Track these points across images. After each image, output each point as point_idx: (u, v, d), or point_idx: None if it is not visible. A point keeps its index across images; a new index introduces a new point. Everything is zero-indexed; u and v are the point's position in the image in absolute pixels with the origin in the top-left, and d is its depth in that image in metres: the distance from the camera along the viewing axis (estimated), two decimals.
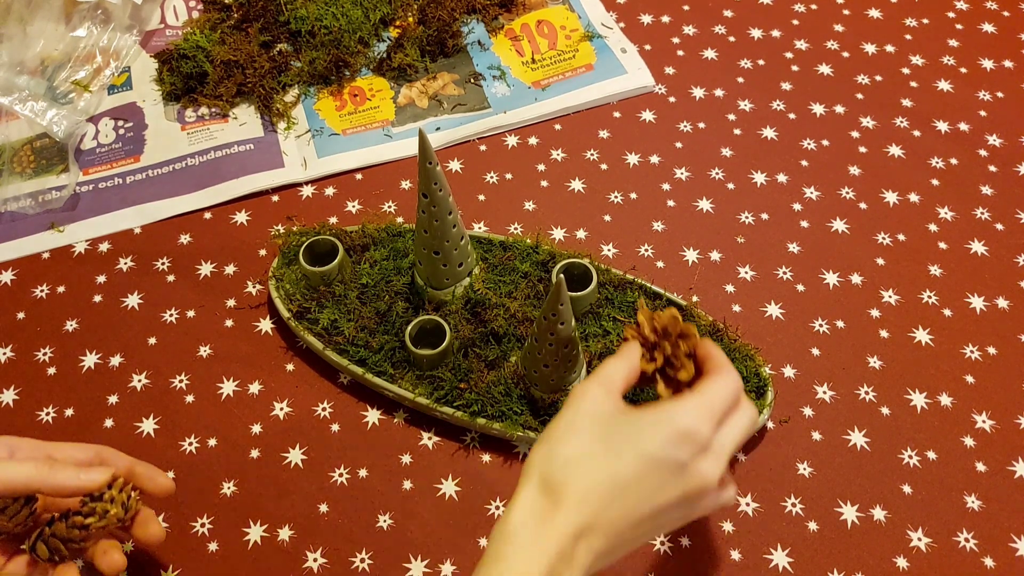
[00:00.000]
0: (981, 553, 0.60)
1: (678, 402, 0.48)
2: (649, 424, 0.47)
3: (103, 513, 0.52)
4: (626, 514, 0.46)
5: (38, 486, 0.50)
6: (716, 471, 0.48)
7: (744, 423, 0.50)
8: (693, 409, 0.48)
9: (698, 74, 0.87)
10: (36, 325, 0.71)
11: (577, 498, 0.45)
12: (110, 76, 0.85)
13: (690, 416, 0.47)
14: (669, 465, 0.46)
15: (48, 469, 0.51)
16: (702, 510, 0.49)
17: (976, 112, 0.84)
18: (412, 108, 0.83)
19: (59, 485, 0.51)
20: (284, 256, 0.70)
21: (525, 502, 0.45)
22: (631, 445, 0.47)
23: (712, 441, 0.48)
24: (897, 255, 0.74)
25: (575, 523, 0.45)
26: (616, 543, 0.46)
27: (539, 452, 0.48)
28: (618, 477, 0.46)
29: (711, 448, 0.48)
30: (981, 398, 0.67)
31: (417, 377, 0.65)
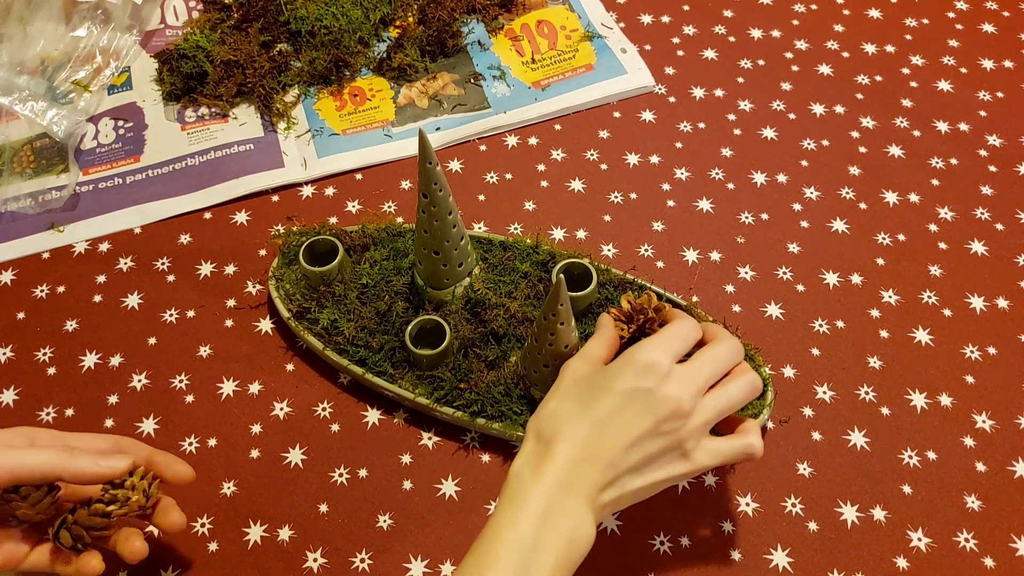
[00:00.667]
0: (981, 553, 0.60)
1: (638, 344, 0.54)
2: (615, 369, 0.53)
3: (124, 500, 0.52)
4: (612, 444, 0.51)
5: (59, 473, 0.51)
6: (683, 390, 0.52)
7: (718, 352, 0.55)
8: (649, 345, 0.54)
9: (698, 74, 0.87)
10: (36, 325, 0.71)
11: (566, 439, 0.51)
12: (110, 76, 0.85)
13: (647, 351, 0.53)
14: (638, 394, 0.52)
15: (68, 456, 0.51)
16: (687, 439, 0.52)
17: (976, 112, 0.84)
18: (412, 108, 0.83)
19: (79, 472, 0.51)
20: (284, 256, 0.70)
21: (523, 453, 0.52)
22: (604, 387, 0.53)
23: (673, 368, 0.53)
24: (897, 255, 0.74)
25: (568, 458, 0.51)
26: (612, 474, 0.51)
27: (532, 418, 0.54)
28: (597, 416, 0.52)
29: (673, 373, 0.53)
30: (981, 398, 0.67)
31: (417, 377, 0.65)
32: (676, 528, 0.61)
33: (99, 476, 0.52)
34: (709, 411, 0.53)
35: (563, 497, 0.50)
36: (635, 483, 0.52)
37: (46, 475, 0.51)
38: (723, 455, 0.54)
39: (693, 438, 0.53)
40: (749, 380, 0.55)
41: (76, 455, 0.51)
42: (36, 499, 0.51)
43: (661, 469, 0.52)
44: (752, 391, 0.55)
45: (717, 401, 0.54)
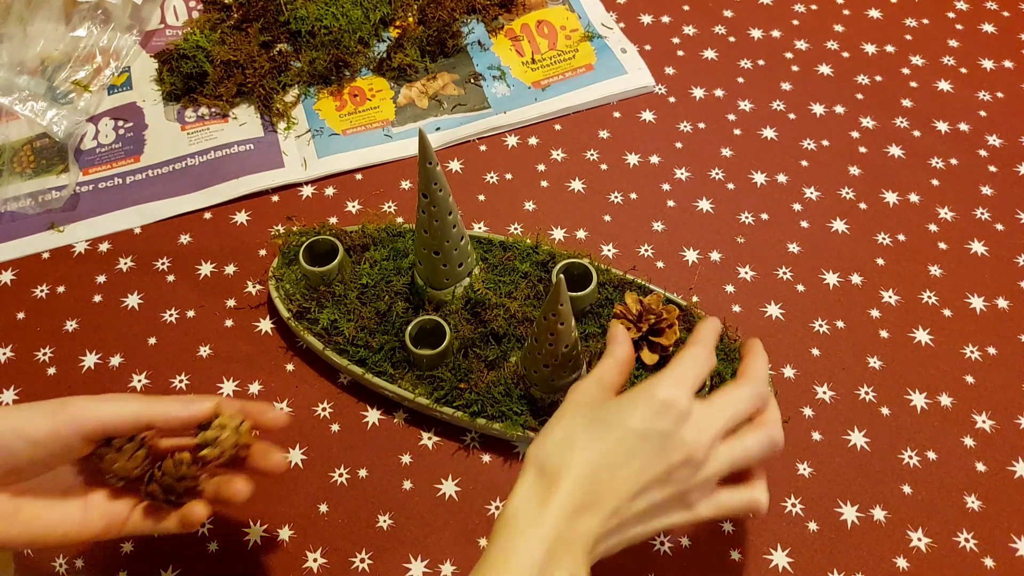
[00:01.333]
0: (981, 553, 0.60)
1: (655, 377, 0.51)
2: (630, 402, 0.49)
3: (216, 441, 0.50)
4: (619, 489, 0.47)
5: (148, 417, 0.50)
6: (699, 437, 0.49)
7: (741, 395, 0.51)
8: (668, 379, 0.50)
9: (698, 74, 0.87)
10: (36, 325, 0.71)
11: (572, 477, 0.47)
12: (110, 76, 0.85)
13: (665, 386, 0.49)
14: (652, 436, 0.48)
15: (155, 400, 0.50)
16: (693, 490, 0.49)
17: (976, 112, 0.84)
18: (412, 108, 0.83)
19: (168, 414, 0.50)
20: (284, 256, 0.70)
21: (522, 488, 0.48)
22: (617, 423, 0.49)
23: (692, 408, 0.49)
24: (897, 255, 0.74)
25: (571, 503, 0.46)
26: (614, 523, 0.47)
27: (534, 444, 0.50)
28: (608, 453, 0.48)
29: (691, 416, 0.49)
30: (981, 398, 0.67)
31: (417, 377, 0.65)
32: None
33: (189, 416, 0.51)
34: (723, 463, 0.50)
35: (561, 553, 0.45)
36: (636, 531, 0.48)
37: (136, 420, 0.49)
38: (726, 509, 0.51)
39: (700, 489, 0.49)
40: (770, 435, 0.51)
41: (163, 399, 0.51)
42: (129, 451, 0.50)
43: (663, 518, 0.49)
44: (772, 449, 0.51)
45: (733, 453, 0.50)
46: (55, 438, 0.48)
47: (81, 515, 0.50)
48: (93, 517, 0.50)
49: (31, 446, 0.47)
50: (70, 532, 0.49)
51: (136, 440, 0.51)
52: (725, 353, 0.65)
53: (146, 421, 0.50)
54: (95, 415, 0.48)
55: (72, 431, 0.48)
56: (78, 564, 0.59)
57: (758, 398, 0.52)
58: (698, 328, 0.55)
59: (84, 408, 0.49)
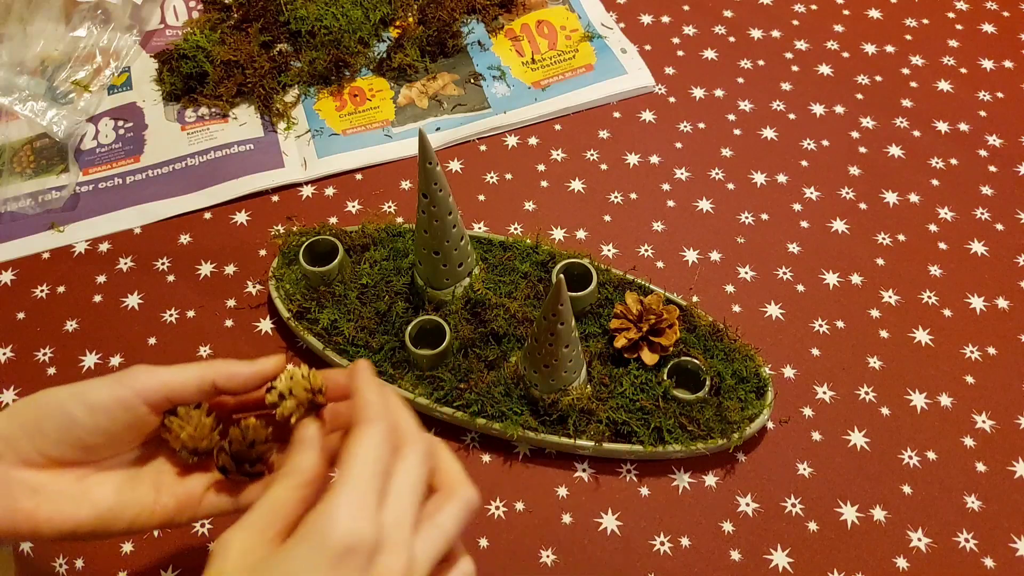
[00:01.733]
0: (981, 553, 0.60)
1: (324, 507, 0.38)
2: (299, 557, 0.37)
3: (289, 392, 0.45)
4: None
5: (211, 377, 0.47)
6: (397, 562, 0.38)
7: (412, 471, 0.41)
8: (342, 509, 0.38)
9: (698, 74, 0.87)
10: (36, 325, 0.71)
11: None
12: (110, 76, 0.85)
13: (340, 522, 0.37)
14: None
15: (218, 362, 0.47)
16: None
17: (976, 112, 0.84)
18: (412, 108, 0.83)
19: (233, 373, 0.47)
20: (284, 256, 0.70)
21: None
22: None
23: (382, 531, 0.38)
24: (897, 255, 0.74)
25: None
26: None
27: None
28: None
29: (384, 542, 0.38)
30: (981, 398, 0.67)
31: (417, 377, 0.65)
32: (676, 528, 0.61)
33: (253, 373, 0.47)
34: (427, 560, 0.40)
35: None
36: None
37: (200, 382, 0.47)
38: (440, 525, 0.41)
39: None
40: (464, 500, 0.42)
41: (226, 360, 0.48)
42: (196, 419, 0.47)
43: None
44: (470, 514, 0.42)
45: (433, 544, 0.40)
46: (117, 403, 0.45)
47: (152, 497, 0.47)
48: (164, 498, 0.47)
49: (93, 412, 0.45)
50: (141, 514, 0.46)
51: (203, 407, 0.48)
52: (725, 353, 0.65)
53: (210, 381, 0.47)
54: (157, 378, 0.46)
55: (134, 395, 0.46)
56: (78, 564, 0.59)
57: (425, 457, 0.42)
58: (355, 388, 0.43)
59: (145, 371, 0.47)
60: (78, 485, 0.46)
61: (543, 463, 0.64)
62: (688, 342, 0.65)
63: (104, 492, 0.46)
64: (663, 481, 0.63)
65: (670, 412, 0.62)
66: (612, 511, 0.62)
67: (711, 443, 0.62)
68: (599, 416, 0.62)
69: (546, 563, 0.60)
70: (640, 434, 0.61)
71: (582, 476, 0.63)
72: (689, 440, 0.62)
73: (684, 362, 0.64)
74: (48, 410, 0.45)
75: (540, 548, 0.60)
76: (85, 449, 0.46)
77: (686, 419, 0.62)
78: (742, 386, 0.63)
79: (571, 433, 0.62)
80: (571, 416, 0.62)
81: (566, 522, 0.61)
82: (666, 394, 0.62)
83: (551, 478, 0.63)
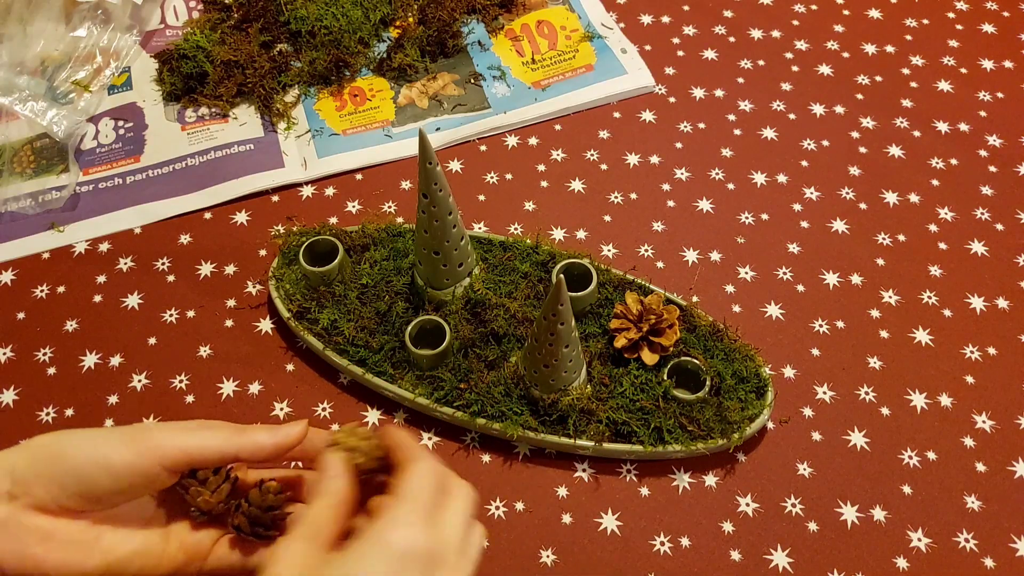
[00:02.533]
0: (981, 553, 0.60)
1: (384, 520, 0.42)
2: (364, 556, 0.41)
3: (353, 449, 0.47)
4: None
5: (235, 449, 0.47)
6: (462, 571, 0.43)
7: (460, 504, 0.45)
8: (403, 521, 0.42)
9: (698, 74, 0.87)
10: (36, 325, 0.70)
11: None
12: (110, 76, 0.85)
13: (402, 532, 0.41)
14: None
15: (241, 430, 0.48)
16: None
17: (976, 112, 0.84)
18: (412, 108, 0.83)
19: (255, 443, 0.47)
20: (284, 256, 0.70)
21: None
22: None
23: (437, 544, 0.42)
24: (897, 255, 0.74)
25: None
26: None
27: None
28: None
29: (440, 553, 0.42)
30: (981, 398, 0.67)
31: (417, 377, 0.65)
32: (676, 528, 0.61)
33: (277, 445, 0.48)
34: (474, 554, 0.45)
35: None
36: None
37: (221, 452, 0.47)
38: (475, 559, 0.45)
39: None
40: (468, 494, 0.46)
41: (248, 428, 0.48)
42: (215, 484, 0.48)
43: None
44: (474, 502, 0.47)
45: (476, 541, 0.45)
46: (137, 470, 0.45)
47: (162, 547, 0.48)
48: (173, 549, 0.48)
49: (112, 477, 0.45)
50: (148, 563, 0.47)
51: (221, 473, 0.49)
52: (725, 353, 0.65)
53: (233, 453, 0.47)
54: (179, 446, 0.46)
55: (155, 462, 0.46)
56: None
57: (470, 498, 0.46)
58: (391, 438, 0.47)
59: (168, 438, 0.46)
60: (89, 533, 0.46)
61: (543, 463, 0.64)
62: (688, 342, 0.65)
63: (114, 541, 0.47)
64: (663, 481, 0.63)
65: (670, 412, 0.62)
66: (612, 511, 0.62)
67: (711, 443, 0.62)
68: (599, 416, 0.62)
69: (546, 563, 0.60)
70: (640, 434, 0.61)
71: (582, 476, 0.63)
72: (689, 440, 0.62)
73: (684, 362, 0.64)
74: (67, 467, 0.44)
75: (540, 548, 0.60)
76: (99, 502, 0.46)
77: (686, 419, 0.62)
78: (742, 386, 0.63)
79: (571, 433, 0.62)
80: (571, 416, 0.62)
81: (566, 522, 0.61)
82: (666, 394, 0.62)
83: (551, 478, 0.63)
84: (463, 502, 0.46)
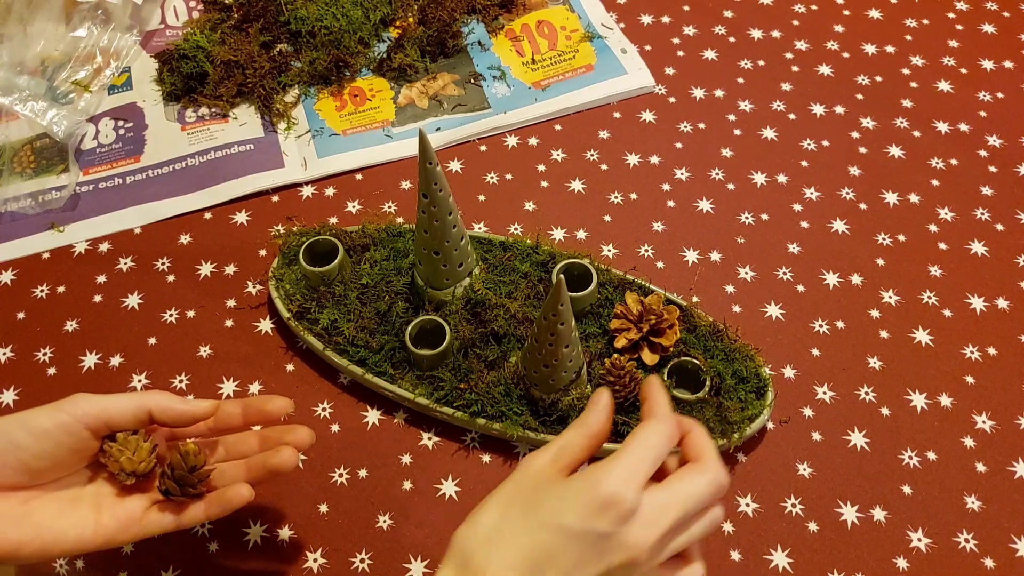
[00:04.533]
0: (981, 554, 0.60)
1: (604, 464, 0.45)
2: (572, 493, 0.44)
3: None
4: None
5: (148, 405, 0.52)
6: (645, 538, 0.43)
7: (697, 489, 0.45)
8: (616, 471, 0.44)
9: (698, 74, 0.87)
10: (36, 325, 0.70)
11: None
12: (110, 76, 0.85)
13: (611, 481, 0.43)
14: (589, 538, 0.43)
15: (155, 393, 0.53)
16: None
17: (976, 113, 0.84)
18: (412, 108, 0.83)
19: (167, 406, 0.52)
20: (284, 256, 0.70)
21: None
22: (552, 516, 0.44)
23: (640, 505, 0.43)
24: (897, 255, 0.74)
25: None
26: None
27: (464, 527, 0.45)
28: (535, 552, 0.43)
29: (639, 513, 0.43)
30: (981, 398, 0.67)
31: (417, 377, 0.65)
32: None
33: (186, 412, 0.53)
34: (666, 554, 0.45)
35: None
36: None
37: (137, 409, 0.51)
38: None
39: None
40: (716, 517, 0.47)
41: (164, 393, 0.53)
42: (134, 444, 0.51)
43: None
44: (715, 527, 0.47)
45: (677, 544, 0.46)
46: (59, 428, 0.49)
47: (94, 518, 0.50)
48: (105, 518, 0.51)
49: (36, 438, 0.49)
50: (83, 535, 0.50)
51: (141, 434, 0.52)
52: (725, 353, 0.65)
53: (146, 410, 0.52)
54: (96, 404, 0.50)
55: (75, 420, 0.50)
56: (79, 565, 0.59)
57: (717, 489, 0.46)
58: (648, 395, 0.49)
59: (85, 399, 0.51)
60: (22, 508, 0.49)
61: None
62: (688, 342, 0.65)
63: (47, 514, 0.49)
64: None
65: None
66: None
67: None
68: None
69: None
70: None
71: None
72: None
73: (684, 362, 0.64)
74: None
75: None
76: (29, 473, 0.49)
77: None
78: (742, 386, 0.63)
79: None
80: (571, 416, 0.62)
81: None
82: None
83: None
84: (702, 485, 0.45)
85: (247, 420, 0.55)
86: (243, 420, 0.55)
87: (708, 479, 0.46)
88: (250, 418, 0.55)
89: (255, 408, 0.55)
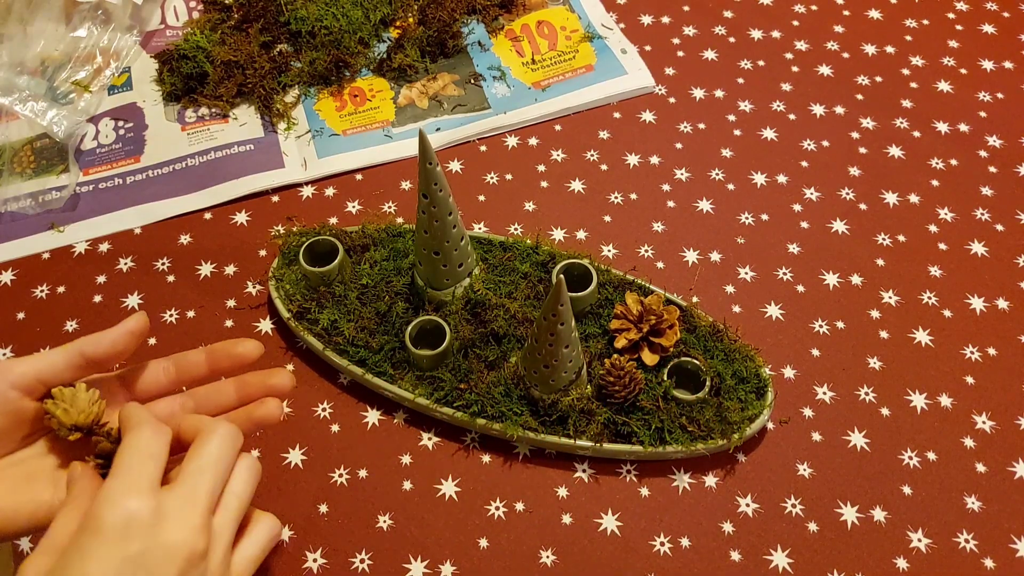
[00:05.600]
0: (981, 554, 0.60)
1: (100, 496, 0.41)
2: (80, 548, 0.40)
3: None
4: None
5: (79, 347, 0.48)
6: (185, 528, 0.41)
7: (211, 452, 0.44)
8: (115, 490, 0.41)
9: (698, 75, 0.87)
10: (36, 325, 0.70)
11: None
12: (110, 76, 0.85)
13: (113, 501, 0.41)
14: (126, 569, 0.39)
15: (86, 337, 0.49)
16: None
17: (976, 113, 0.84)
18: (412, 108, 0.83)
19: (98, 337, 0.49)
20: (284, 256, 0.70)
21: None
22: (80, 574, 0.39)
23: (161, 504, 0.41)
24: (897, 256, 0.74)
25: None
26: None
27: None
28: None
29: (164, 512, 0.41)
30: (981, 399, 0.67)
31: (417, 378, 0.65)
32: (676, 528, 0.61)
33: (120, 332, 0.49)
34: (227, 530, 0.44)
35: None
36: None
37: (69, 358, 0.48)
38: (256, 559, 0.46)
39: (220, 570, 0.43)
40: (248, 466, 0.46)
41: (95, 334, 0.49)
42: (70, 396, 0.48)
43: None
44: (256, 475, 0.46)
45: (230, 512, 0.44)
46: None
47: (51, 493, 0.48)
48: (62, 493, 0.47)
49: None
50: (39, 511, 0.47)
51: (79, 385, 0.49)
52: (725, 354, 0.65)
53: (77, 352, 0.48)
54: (22, 362, 0.47)
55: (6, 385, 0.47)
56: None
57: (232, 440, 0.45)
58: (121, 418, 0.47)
59: (12, 360, 0.48)
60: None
61: (543, 463, 0.64)
62: (688, 342, 0.65)
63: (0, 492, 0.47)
64: (663, 481, 0.63)
65: (670, 412, 0.62)
66: (612, 511, 0.62)
67: (711, 443, 0.62)
68: (599, 416, 0.62)
69: (546, 563, 0.60)
70: (640, 434, 0.61)
71: (582, 476, 0.63)
72: (689, 440, 0.62)
73: (684, 362, 0.64)
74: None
75: (540, 548, 0.60)
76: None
77: (686, 419, 0.62)
78: (742, 386, 0.63)
79: (571, 433, 0.62)
80: (571, 416, 0.62)
81: (566, 522, 0.61)
82: (666, 394, 0.62)
83: (551, 478, 0.63)
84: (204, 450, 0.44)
85: (214, 367, 0.52)
86: (208, 368, 0.52)
87: (214, 438, 0.44)
88: (217, 364, 0.51)
89: (223, 353, 0.51)
